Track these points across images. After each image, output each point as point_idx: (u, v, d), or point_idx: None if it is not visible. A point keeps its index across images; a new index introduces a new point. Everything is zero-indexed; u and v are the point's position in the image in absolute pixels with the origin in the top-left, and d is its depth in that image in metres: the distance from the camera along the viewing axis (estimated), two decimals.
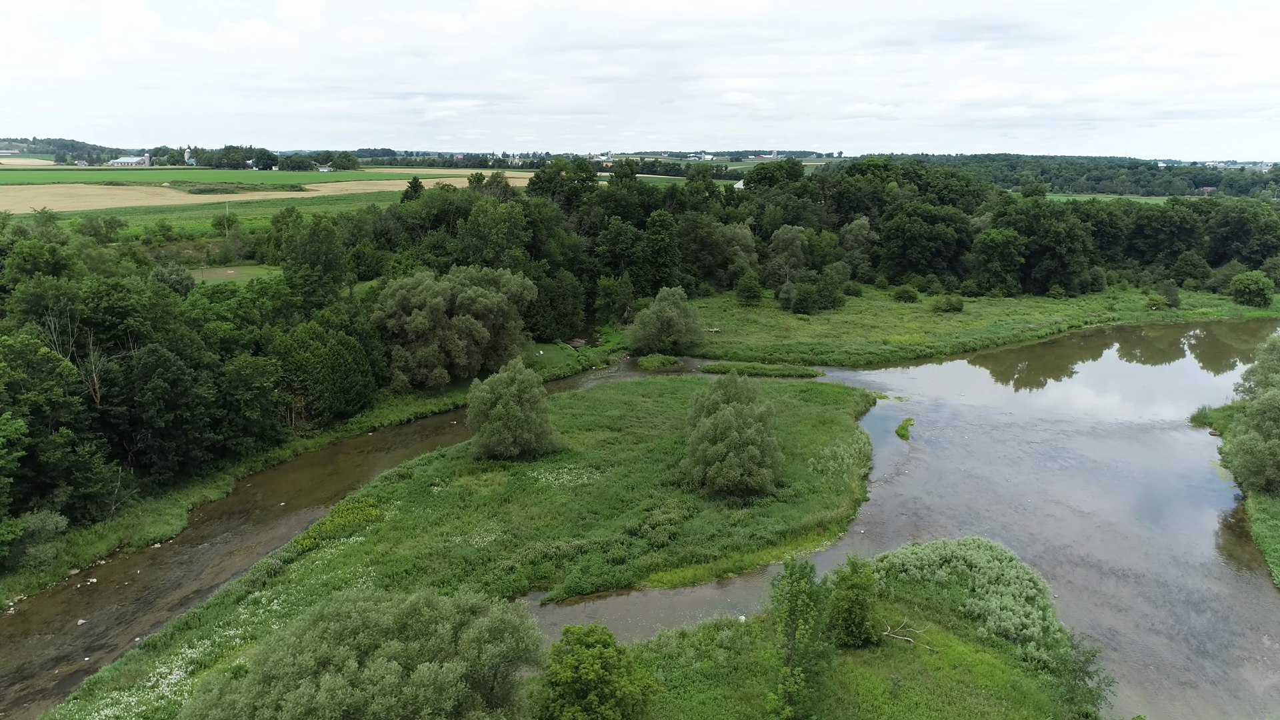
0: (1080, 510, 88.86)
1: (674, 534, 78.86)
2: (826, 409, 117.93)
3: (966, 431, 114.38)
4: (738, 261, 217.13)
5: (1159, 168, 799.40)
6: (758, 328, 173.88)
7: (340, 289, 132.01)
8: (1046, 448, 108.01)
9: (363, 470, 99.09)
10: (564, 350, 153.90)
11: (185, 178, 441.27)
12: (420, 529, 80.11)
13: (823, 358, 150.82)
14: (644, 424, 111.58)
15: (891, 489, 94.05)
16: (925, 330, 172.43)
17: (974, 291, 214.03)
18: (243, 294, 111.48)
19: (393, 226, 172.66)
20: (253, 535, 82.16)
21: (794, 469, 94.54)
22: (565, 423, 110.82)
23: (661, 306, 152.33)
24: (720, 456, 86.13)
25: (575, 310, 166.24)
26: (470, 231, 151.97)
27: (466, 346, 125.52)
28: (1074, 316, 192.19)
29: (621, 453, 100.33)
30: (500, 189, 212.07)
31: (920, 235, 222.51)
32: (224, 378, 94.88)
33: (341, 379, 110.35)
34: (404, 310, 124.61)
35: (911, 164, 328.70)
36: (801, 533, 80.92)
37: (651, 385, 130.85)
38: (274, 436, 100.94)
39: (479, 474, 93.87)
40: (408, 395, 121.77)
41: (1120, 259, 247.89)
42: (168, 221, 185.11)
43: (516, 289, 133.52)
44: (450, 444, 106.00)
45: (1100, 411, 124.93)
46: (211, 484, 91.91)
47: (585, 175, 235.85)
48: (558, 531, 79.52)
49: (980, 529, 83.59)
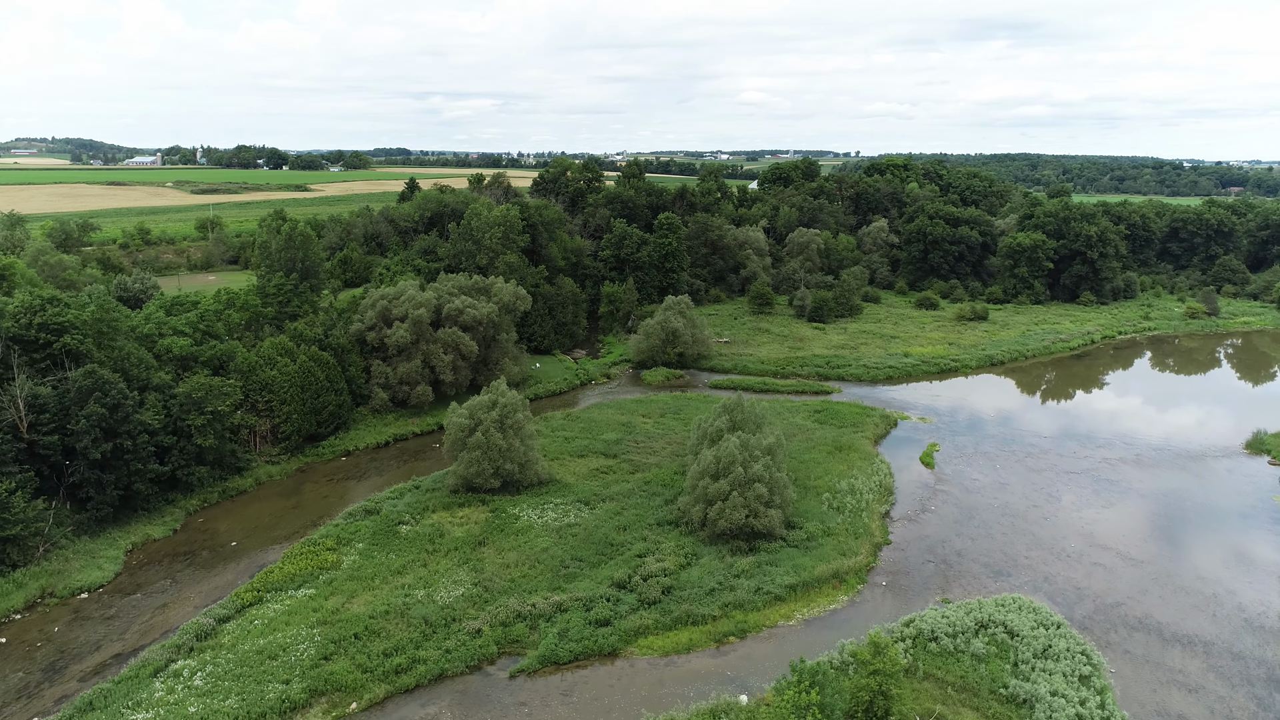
0: (1132, 557, 78.31)
1: (668, 588, 68.94)
2: (843, 432, 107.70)
3: (998, 459, 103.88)
4: (750, 266, 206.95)
5: (1184, 167, 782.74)
6: (770, 338, 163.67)
7: (320, 298, 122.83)
8: (1087, 479, 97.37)
9: (330, 502, 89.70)
10: (562, 363, 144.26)
11: (191, 178, 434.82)
12: (380, 579, 70.52)
13: (839, 372, 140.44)
14: (642, 449, 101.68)
15: (917, 529, 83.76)
16: (949, 341, 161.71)
17: (999, 298, 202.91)
18: (206, 306, 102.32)
19: (384, 230, 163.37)
20: (194, 583, 72.82)
21: (807, 506, 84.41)
22: (556, 448, 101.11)
23: (666, 316, 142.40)
24: (723, 495, 76.15)
25: (576, 319, 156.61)
26: (463, 236, 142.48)
27: (453, 361, 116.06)
28: (1107, 326, 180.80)
29: (615, 484, 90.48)
30: (502, 190, 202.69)
31: (942, 239, 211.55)
32: (175, 401, 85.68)
33: (312, 399, 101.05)
34: (385, 322, 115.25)
35: (932, 164, 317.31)
36: (814, 586, 70.80)
37: (653, 403, 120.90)
38: (233, 464, 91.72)
39: (454, 509, 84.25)
40: (388, 414, 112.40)
41: (1153, 264, 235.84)
42: (148, 224, 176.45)
43: (509, 299, 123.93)
44: (430, 470, 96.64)
45: (1144, 435, 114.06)
46: (157, 520, 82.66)
47: (591, 175, 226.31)
48: (536, 583, 69.74)
49: (1019, 581, 73.25)
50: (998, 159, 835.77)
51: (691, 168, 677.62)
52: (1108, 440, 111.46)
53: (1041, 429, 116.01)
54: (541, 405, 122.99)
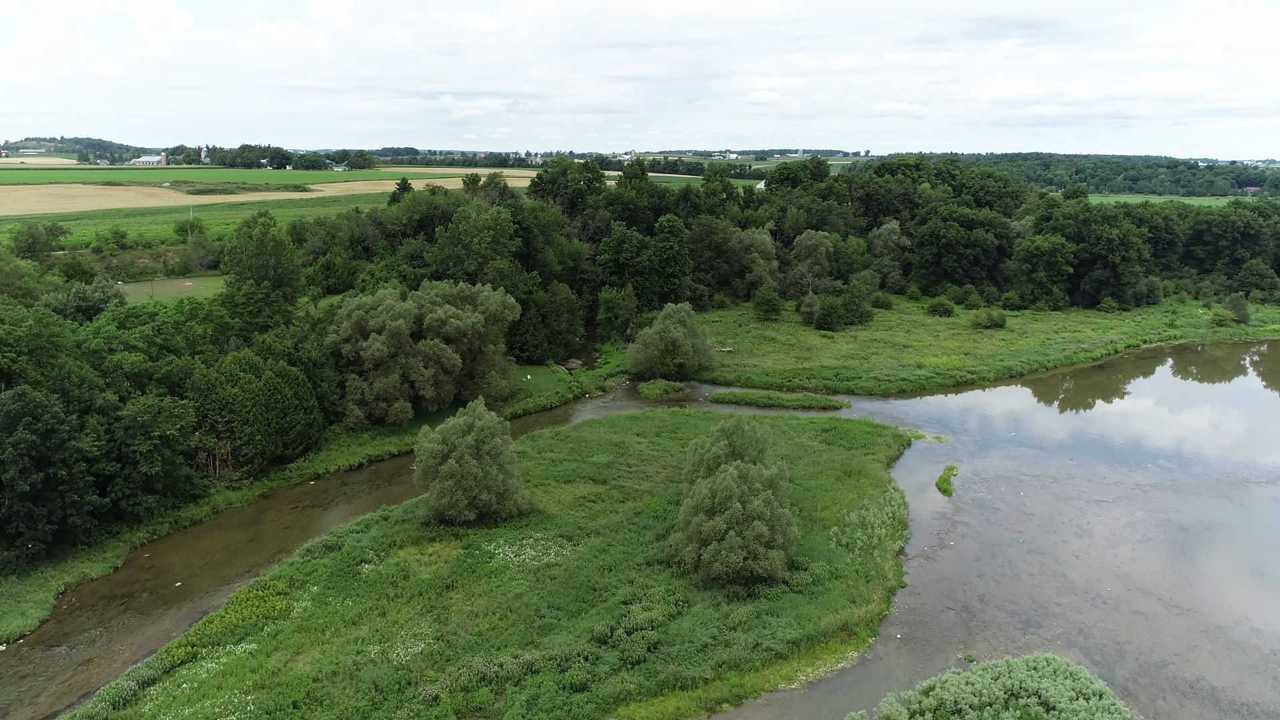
0: (1176, 604, 70.08)
1: (655, 643, 61.06)
2: (853, 455, 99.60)
3: (1021, 484, 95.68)
4: (756, 270, 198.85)
5: (1199, 167, 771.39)
6: (776, 346, 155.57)
7: (295, 308, 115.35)
8: (1120, 509, 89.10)
9: (291, 534, 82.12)
10: (556, 374, 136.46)
11: (191, 178, 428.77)
12: (332, 631, 62.82)
13: (848, 385, 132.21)
14: (634, 474, 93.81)
15: (934, 569, 75.67)
16: (964, 351, 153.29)
17: (1016, 304, 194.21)
18: (164, 317, 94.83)
19: (370, 233, 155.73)
20: (127, 632, 65.30)
21: (813, 542, 76.43)
22: (541, 472, 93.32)
23: (665, 326, 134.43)
24: (718, 534, 68.22)
25: (571, 327, 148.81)
26: (450, 240, 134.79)
27: (434, 376, 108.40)
28: (1131, 334, 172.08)
29: (603, 515, 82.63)
30: (498, 191, 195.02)
31: (956, 242, 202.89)
32: (120, 424, 78.20)
33: (278, 418, 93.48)
34: (361, 334, 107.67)
35: (945, 163, 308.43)
36: (820, 640, 62.81)
37: (649, 420, 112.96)
38: (187, 491, 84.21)
39: (424, 545, 76.52)
40: (363, 433, 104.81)
41: (1176, 267, 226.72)
42: (129, 226, 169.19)
43: (496, 308, 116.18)
44: (404, 496, 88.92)
45: (1178, 457, 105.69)
46: (96, 556, 75.16)
47: (592, 176, 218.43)
48: (506, 637, 61.92)
49: (1051, 634, 65.14)
50: (1009, 158, 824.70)
51: (699, 167, 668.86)
52: (1139, 463, 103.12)
53: (1066, 449, 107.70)
54: (530, 422, 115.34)
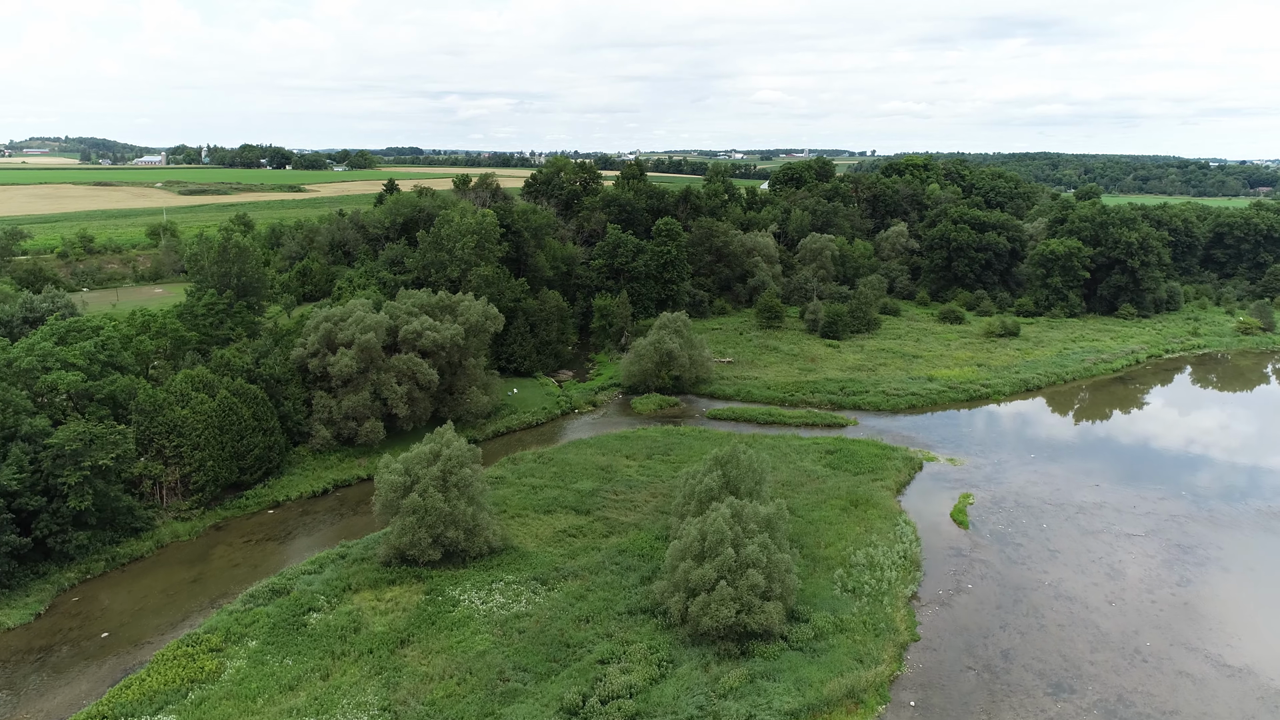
0: (1226, 664, 62.02)
1: (633, 715, 53.25)
2: (860, 481, 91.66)
3: (1043, 514, 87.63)
4: (758, 275, 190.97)
5: (1210, 167, 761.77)
6: (778, 357, 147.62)
7: (263, 319, 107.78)
8: (1156, 544, 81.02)
9: (240, 573, 74.47)
10: (544, 387, 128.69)
11: (186, 178, 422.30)
12: (265, 699, 55.08)
13: (855, 400, 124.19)
14: (620, 503, 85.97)
15: (951, 618, 67.74)
16: (977, 362, 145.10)
17: (1030, 311, 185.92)
18: (110, 331, 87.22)
19: (351, 237, 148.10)
20: (37, 696, 57.67)
21: (815, 587, 68.57)
22: (519, 500, 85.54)
23: (660, 336, 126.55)
24: (707, 584, 60.36)
25: (562, 336, 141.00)
26: (431, 246, 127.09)
27: (408, 392, 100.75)
28: (1152, 343, 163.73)
29: (583, 553, 74.82)
30: (489, 192, 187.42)
31: (968, 245, 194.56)
32: (48, 453, 70.67)
33: (233, 441, 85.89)
34: (329, 348, 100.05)
35: (954, 163, 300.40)
36: (823, 710, 54.93)
37: (640, 440, 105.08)
38: (127, 524, 76.66)
39: (382, 588, 68.81)
40: (330, 455, 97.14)
41: (1196, 272, 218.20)
42: (102, 229, 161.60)
43: (477, 319, 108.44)
44: (368, 528, 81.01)
45: (1213, 483, 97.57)
46: (18, 601, 67.61)
47: (588, 176, 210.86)
48: (462, 707, 54.09)
49: (1087, 701, 57.13)
50: (1016, 158, 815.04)
51: (704, 167, 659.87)
52: (1171, 489, 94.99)
53: (1090, 472, 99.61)
54: (514, 441, 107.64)
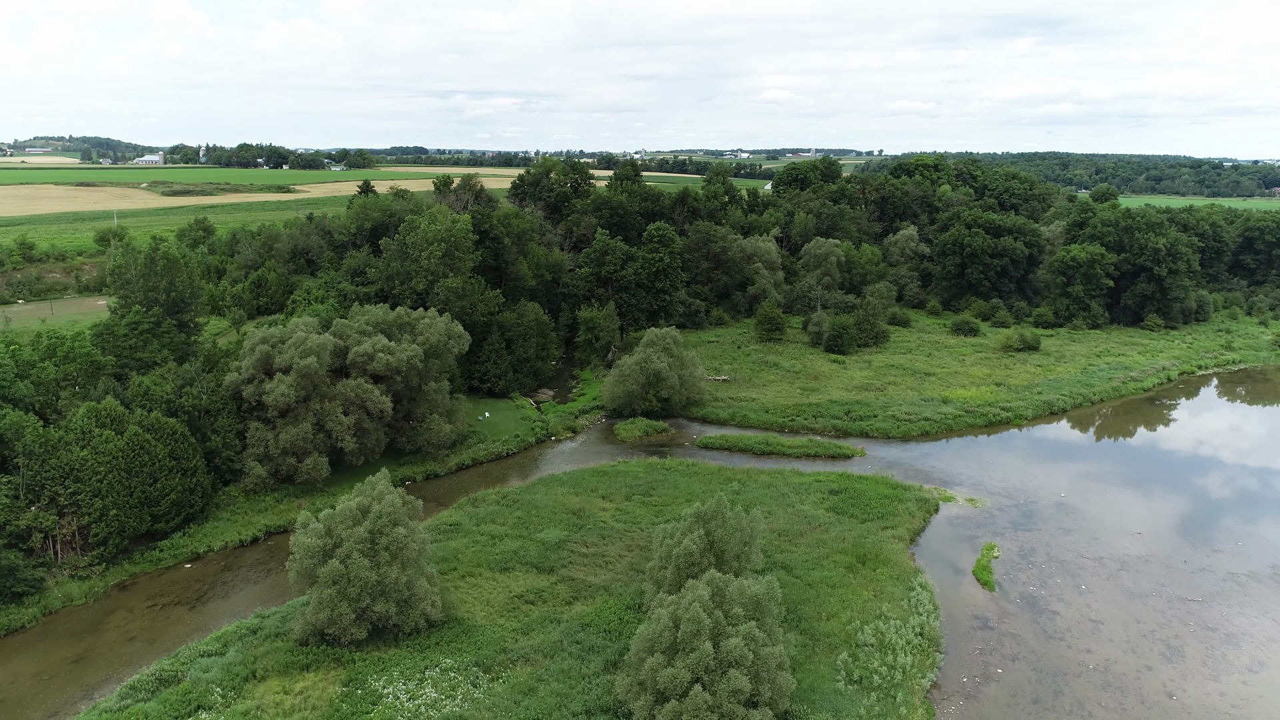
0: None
1: None
2: (868, 530, 79.79)
3: (1080, 571, 75.68)
4: (759, 282, 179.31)
5: (1224, 167, 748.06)
6: (778, 374, 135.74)
7: (199, 339, 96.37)
8: (1216, 613, 69.02)
9: (135, 649, 62.98)
10: (520, 410, 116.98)
11: (175, 178, 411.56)
12: None
13: (861, 426, 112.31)
14: (590, 558, 74.23)
15: (979, 715, 55.88)
16: (996, 380, 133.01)
17: (1049, 322, 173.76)
18: (4, 356, 75.74)
19: (316, 244, 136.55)
20: None
21: (815, 676, 56.78)
22: (474, 554, 73.88)
23: (647, 354, 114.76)
24: (680, 688, 48.60)
25: (542, 353, 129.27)
26: (396, 255, 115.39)
27: (357, 423, 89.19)
28: (1183, 358, 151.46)
29: (540, 627, 63.07)
30: (472, 194, 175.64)
31: (983, 251, 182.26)
32: None
33: (144, 485, 74.39)
34: (267, 373, 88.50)
35: (965, 163, 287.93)
36: None
37: (620, 477, 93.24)
38: (8, 588, 65.24)
39: (294, 676, 57.18)
40: (266, 496, 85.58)
41: (1224, 279, 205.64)
42: (30, 237, 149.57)
43: (439, 339, 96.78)
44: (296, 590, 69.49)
45: (1273, 532, 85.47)
46: None
47: (578, 177, 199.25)
48: None
49: None
50: (1025, 158, 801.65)
51: (708, 166, 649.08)
52: (1228, 539, 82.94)
53: (1131, 516, 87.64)
54: (479, 475, 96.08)
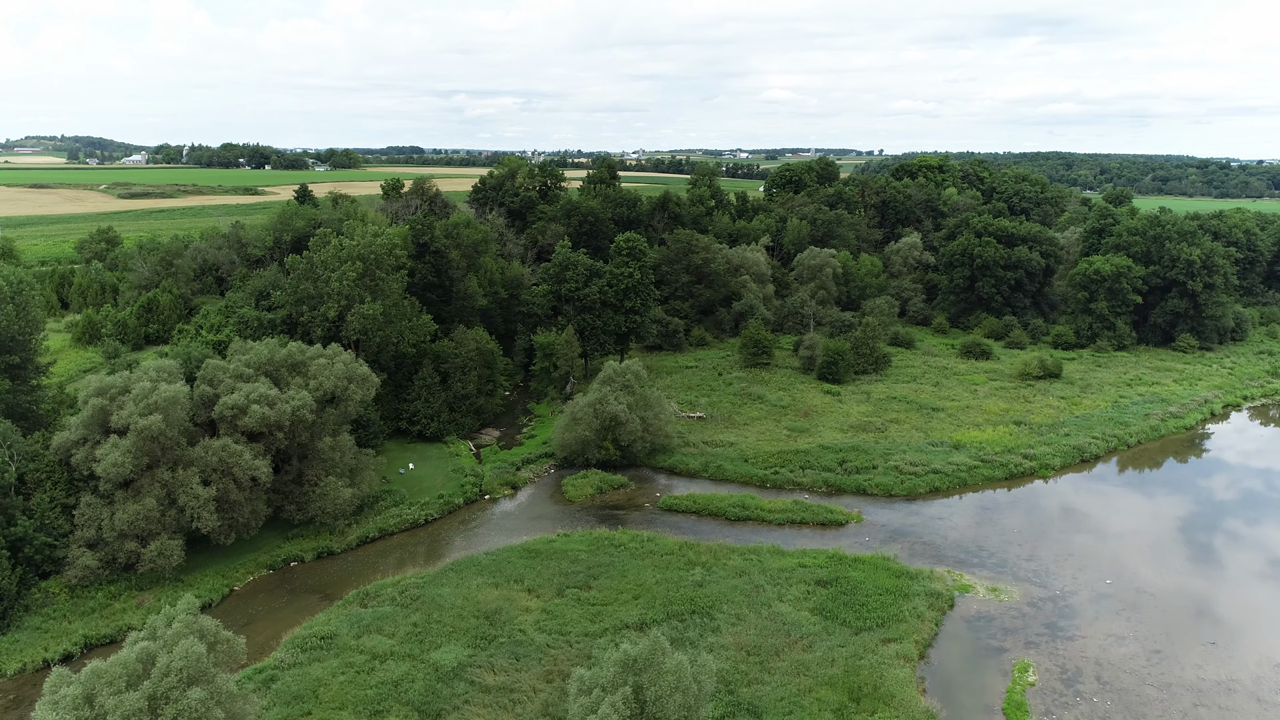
0: None
1: None
2: (864, 645, 61.31)
3: (1145, 705, 57.26)
4: (746, 297, 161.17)
5: (1231, 167, 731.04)
6: (763, 410, 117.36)
7: (42, 382, 78.07)
8: None
9: None
10: (455, 458, 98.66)
11: (138, 179, 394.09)
12: None
13: (858, 480, 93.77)
14: (495, 694, 55.76)
15: None
16: (1015, 417, 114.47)
17: (1070, 342, 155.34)
18: None
19: (225, 259, 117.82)
20: None
21: None
22: (337, 691, 55.50)
23: (603, 394, 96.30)
24: None
25: (486, 387, 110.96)
26: (304, 275, 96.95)
27: (220, 494, 70.82)
28: (1226, 387, 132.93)
29: None
30: (424, 199, 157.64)
31: (994, 262, 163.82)
32: None
33: None
34: (105, 432, 70.17)
35: (972, 164, 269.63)
36: None
37: (555, 560, 74.62)
38: None
39: None
40: (96, 591, 67.22)
41: (1259, 292, 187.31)
42: None
43: (334, 384, 78.45)
44: None
45: None
46: None
47: (548, 181, 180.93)
48: None
49: None
50: (1028, 157, 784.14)
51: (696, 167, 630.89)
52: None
53: (1201, 616, 69.31)
54: (379, 554, 77.75)
